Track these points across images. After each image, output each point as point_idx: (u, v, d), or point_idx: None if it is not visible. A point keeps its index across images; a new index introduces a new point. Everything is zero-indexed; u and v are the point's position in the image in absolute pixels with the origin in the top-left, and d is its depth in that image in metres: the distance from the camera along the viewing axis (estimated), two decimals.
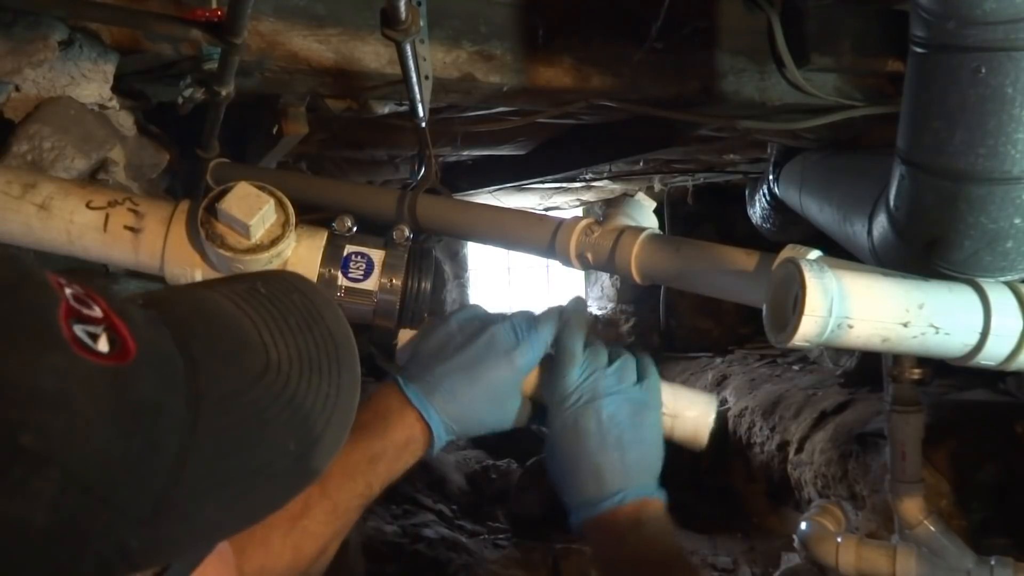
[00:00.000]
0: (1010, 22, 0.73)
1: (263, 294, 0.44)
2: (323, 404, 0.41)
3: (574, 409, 0.73)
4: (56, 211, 0.61)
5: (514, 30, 1.16)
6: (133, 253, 0.62)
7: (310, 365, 0.41)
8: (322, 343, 0.43)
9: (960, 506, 2.31)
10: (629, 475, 0.72)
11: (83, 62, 0.91)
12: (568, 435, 0.73)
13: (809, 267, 0.71)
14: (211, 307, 0.42)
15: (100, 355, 0.32)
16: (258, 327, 0.41)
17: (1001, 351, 0.76)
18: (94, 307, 0.34)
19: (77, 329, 0.32)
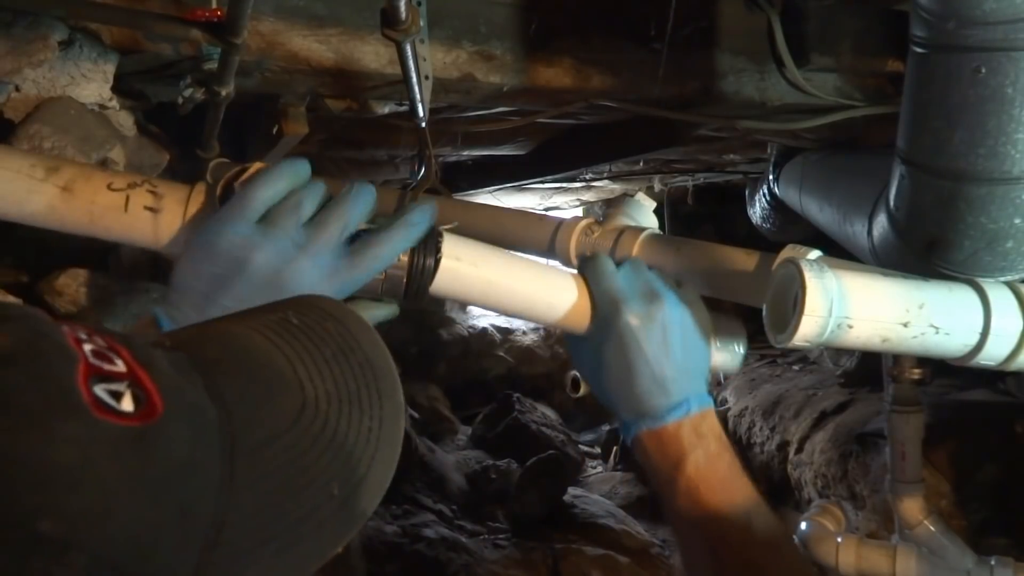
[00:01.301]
0: (1010, 22, 0.73)
1: (295, 325, 0.41)
2: (366, 440, 0.38)
3: (634, 310, 0.68)
4: (79, 193, 0.62)
5: (514, 30, 1.16)
6: (153, 233, 0.63)
7: (349, 399, 0.39)
8: (360, 373, 0.40)
9: (960, 506, 2.31)
10: (692, 381, 0.68)
11: (83, 62, 0.91)
12: (626, 341, 0.67)
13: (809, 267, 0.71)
14: (242, 344, 0.39)
15: (124, 415, 0.30)
16: (292, 362, 0.38)
17: (1001, 351, 0.76)
18: (117, 361, 0.32)
19: (98, 389, 0.30)
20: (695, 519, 0.65)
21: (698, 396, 0.68)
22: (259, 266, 0.57)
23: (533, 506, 3.20)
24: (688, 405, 0.67)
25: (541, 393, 4.79)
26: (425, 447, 3.54)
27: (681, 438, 0.66)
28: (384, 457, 0.39)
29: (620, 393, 0.68)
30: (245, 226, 0.58)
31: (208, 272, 0.58)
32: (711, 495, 0.65)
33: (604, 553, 2.82)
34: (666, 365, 0.67)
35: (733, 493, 0.65)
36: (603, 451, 4.22)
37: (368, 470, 0.38)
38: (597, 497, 3.47)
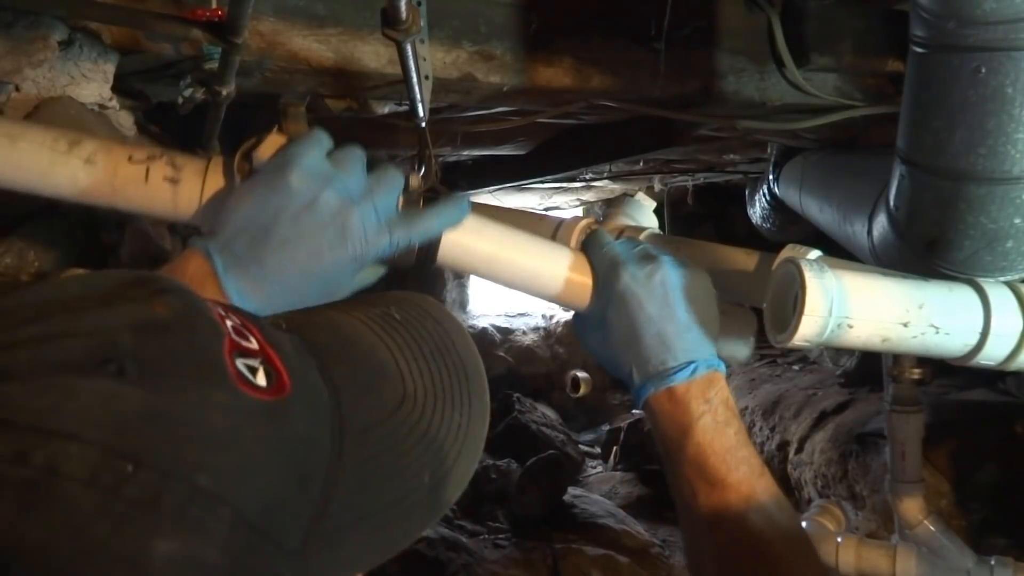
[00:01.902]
0: (1010, 22, 0.73)
1: (398, 320, 0.43)
2: (455, 435, 0.41)
3: (632, 271, 0.68)
4: (101, 165, 0.64)
5: (514, 30, 1.16)
6: (172, 203, 0.65)
7: (444, 396, 0.41)
8: (454, 373, 0.43)
9: (960, 506, 2.31)
10: (698, 343, 0.67)
11: (83, 62, 0.91)
12: (628, 301, 0.67)
13: (809, 267, 0.71)
14: (350, 333, 0.42)
15: (260, 390, 0.33)
16: (395, 355, 0.41)
17: (1001, 351, 0.76)
18: (251, 339, 0.35)
19: (239, 363, 0.33)
20: (700, 487, 0.65)
21: (706, 359, 0.67)
22: (326, 201, 0.57)
23: (533, 506, 3.20)
24: (695, 366, 0.66)
25: (541, 393, 4.79)
26: None
27: (689, 401, 0.66)
28: (469, 452, 0.42)
29: (626, 357, 0.68)
30: (319, 161, 0.59)
31: (272, 206, 0.57)
32: (719, 463, 0.64)
33: (604, 553, 2.82)
34: (670, 323, 0.66)
35: (739, 463, 0.65)
36: (603, 451, 4.22)
37: (455, 463, 0.40)
38: (597, 497, 3.47)
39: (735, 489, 0.63)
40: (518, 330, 5.38)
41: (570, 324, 5.28)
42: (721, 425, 0.65)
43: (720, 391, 0.67)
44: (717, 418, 0.65)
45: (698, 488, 0.65)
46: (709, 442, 0.65)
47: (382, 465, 0.37)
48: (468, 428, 0.42)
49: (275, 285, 0.56)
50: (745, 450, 0.66)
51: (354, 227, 0.58)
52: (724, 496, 0.63)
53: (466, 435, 0.42)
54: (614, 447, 4.07)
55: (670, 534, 3.18)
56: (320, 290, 0.59)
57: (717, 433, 0.65)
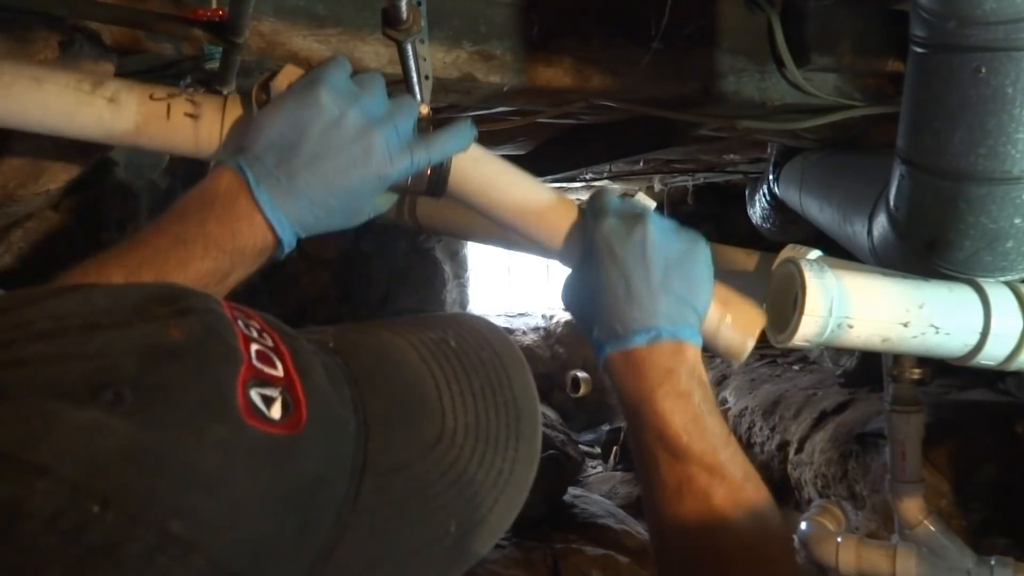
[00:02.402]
0: (1010, 22, 0.74)
1: (452, 348, 0.41)
2: (493, 482, 0.38)
3: (613, 222, 0.65)
4: (124, 103, 0.65)
5: (514, 30, 1.16)
6: (194, 138, 0.66)
7: (487, 436, 0.38)
8: (503, 411, 0.40)
9: (960, 506, 2.31)
10: (668, 309, 0.63)
11: (83, 62, 0.91)
12: (602, 251, 0.64)
13: (809, 267, 0.71)
14: (397, 359, 0.39)
15: (271, 423, 0.31)
16: (439, 388, 0.38)
17: (1001, 351, 0.76)
18: (277, 364, 0.33)
19: (253, 393, 0.31)
20: (661, 457, 0.62)
21: (673, 329, 0.63)
22: (353, 119, 0.60)
23: (533, 506, 3.20)
24: (659, 332, 0.62)
25: (541, 393, 4.77)
26: None
27: (651, 365, 0.62)
28: (509, 501, 0.38)
29: (593, 308, 0.65)
30: (345, 81, 0.62)
31: (302, 121, 0.59)
32: (681, 433, 0.61)
33: (604, 553, 2.82)
34: (641, 282, 0.63)
35: (703, 434, 0.61)
36: (603, 451, 4.23)
37: (490, 512, 0.37)
38: (597, 497, 3.47)
39: (697, 461, 0.60)
40: (518, 330, 5.38)
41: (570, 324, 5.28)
42: (683, 395, 0.62)
43: (686, 361, 0.63)
44: (679, 388, 0.62)
45: (660, 458, 0.62)
46: (669, 411, 0.61)
47: (404, 510, 0.35)
48: (511, 474, 0.38)
49: (304, 199, 0.58)
50: (711, 419, 0.62)
51: (378, 146, 0.60)
52: (687, 469, 0.60)
53: (507, 482, 0.38)
54: (614, 447, 4.07)
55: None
56: (345, 207, 0.60)
57: (678, 403, 0.61)
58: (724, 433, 0.63)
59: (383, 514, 0.34)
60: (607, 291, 0.64)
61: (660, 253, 0.64)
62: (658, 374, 0.62)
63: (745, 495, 0.60)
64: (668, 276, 0.64)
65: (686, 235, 0.67)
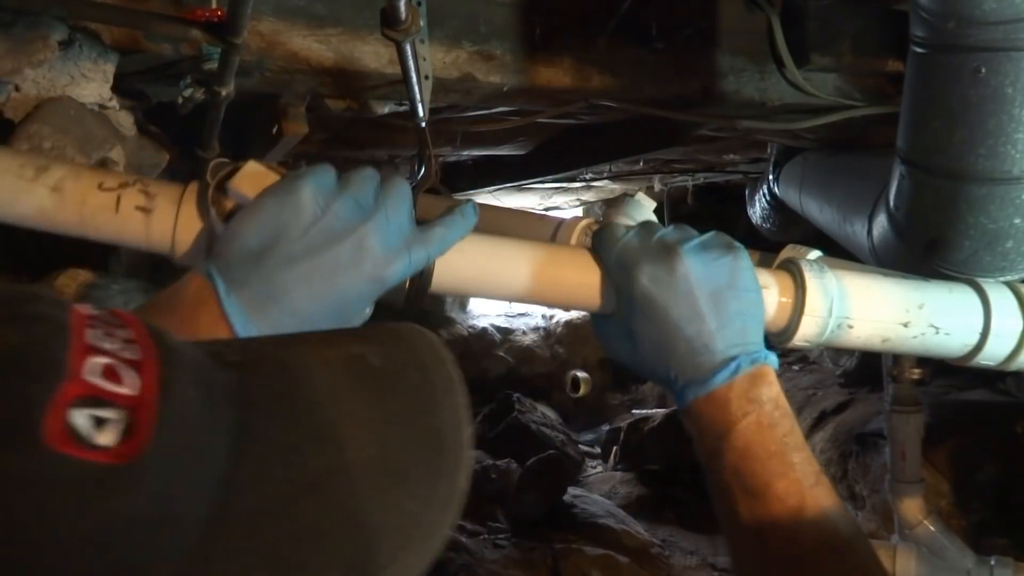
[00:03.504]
0: (1010, 22, 0.73)
1: (372, 367, 0.35)
2: (398, 524, 0.32)
3: (652, 271, 0.60)
4: (69, 193, 0.60)
5: (514, 30, 1.16)
6: (144, 234, 0.61)
7: (395, 472, 0.33)
8: (422, 443, 0.34)
9: (960, 506, 2.31)
10: (736, 336, 0.60)
11: (83, 62, 0.91)
12: (651, 307, 0.60)
13: (809, 267, 0.71)
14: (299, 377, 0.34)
15: (95, 450, 0.26)
16: (343, 412, 0.33)
17: (1001, 351, 0.76)
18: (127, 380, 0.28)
19: (78, 415, 0.26)
20: (740, 498, 0.57)
21: (750, 353, 0.59)
22: (339, 212, 0.54)
23: (533, 506, 3.20)
24: (738, 363, 0.58)
25: (541, 393, 4.79)
26: None
27: (730, 402, 0.58)
28: (418, 549, 0.33)
29: (661, 365, 0.61)
30: (330, 178, 0.56)
31: (281, 221, 0.53)
32: (761, 470, 0.56)
33: (604, 553, 2.82)
34: (700, 323, 0.59)
35: (787, 470, 0.56)
36: (603, 451, 4.22)
37: (390, 562, 0.32)
38: (597, 497, 3.47)
39: (780, 500, 0.55)
40: (518, 330, 5.38)
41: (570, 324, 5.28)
42: (766, 427, 0.57)
43: (769, 388, 0.59)
44: (762, 419, 0.58)
45: (738, 499, 0.57)
46: (749, 446, 0.57)
47: (270, 559, 0.29)
48: (422, 517, 0.33)
49: (281, 308, 0.51)
50: (797, 455, 0.57)
51: (371, 243, 0.54)
52: (768, 508, 0.55)
53: (416, 526, 0.33)
54: (614, 447, 4.07)
55: (670, 534, 3.19)
56: (332, 318, 0.53)
57: (761, 436, 0.57)
58: (814, 472, 0.57)
59: (247, 563, 0.29)
60: (671, 344, 0.60)
61: (707, 285, 0.60)
62: (740, 406, 0.58)
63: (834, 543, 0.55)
64: (721, 304, 0.60)
65: (721, 251, 0.62)
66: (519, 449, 3.66)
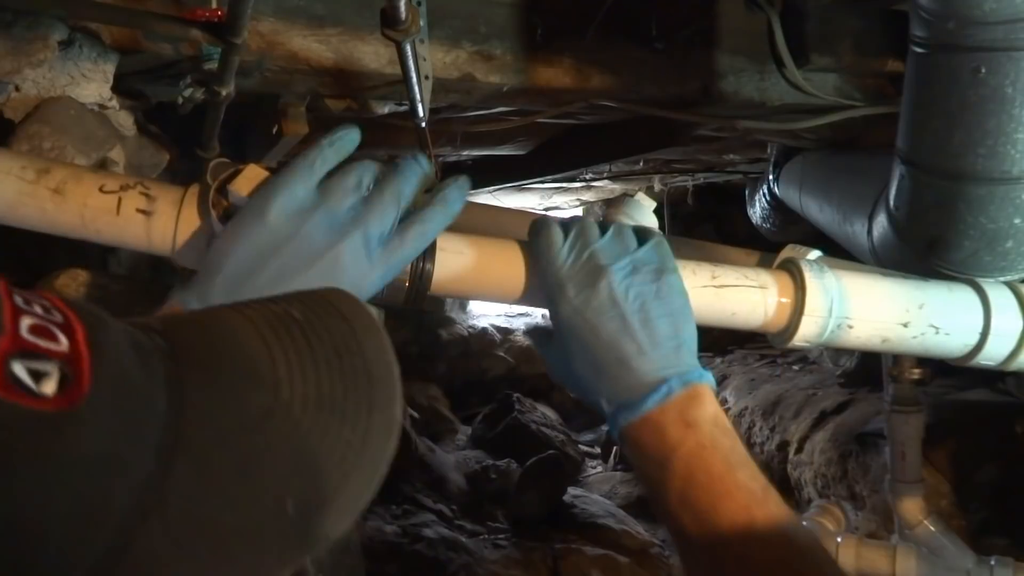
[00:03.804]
0: (1010, 22, 0.73)
1: (296, 319, 0.37)
2: (341, 456, 0.34)
3: (577, 294, 0.59)
4: (70, 195, 0.60)
5: (514, 30, 1.16)
6: (145, 236, 0.62)
7: (331, 407, 0.35)
8: (352, 380, 0.36)
9: (960, 506, 2.31)
10: (668, 358, 0.58)
11: (83, 62, 0.91)
12: (578, 329, 0.59)
13: (809, 267, 0.71)
14: (226, 333, 0.36)
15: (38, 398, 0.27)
16: (275, 360, 0.35)
17: (1001, 351, 0.76)
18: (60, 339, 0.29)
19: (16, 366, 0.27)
20: (687, 523, 0.55)
21: (682, 373, 0.58)
22: (311, 235, 0.54)
23: (533, 506, 3.20)
24: (669, 386, 0.57)
25: (541, 393, 4.79)
26: (425, 447, 3.54)
27: (666, 428, 0.56)
28: (362, 477, 0.35)
29: (593, 388, 0.60)
30: (305, 191, 0.55)
31: (255, 244, 0.53)
32: (706, 495, 0.54)
33: (604, 553, 2.82)
34: (629, 345, 0.58)
35: (733, 490, 0.55)
36: (603, 451, 4.22)
37: (338, 489, 0.34)
38: (597, 497, 3.47)
39: (730, 521, 0.53)
40: (518, 330, 5.38)
41: None
42: (708, 449, 0.56)
43: (704, 408, 0.57)
44: (702, 441, 0.56)
45: (687, 524, 0.55)
46: (693, 472, 0.55)
47: (227, 490, 0.31)
48: (363, 447, 0.35)
49: None
50: (742, 472, 0.56)
51: (345, 263, 0.54)
52: (718, 530, 0.54)
53: (358, 455, 0.35)
54: (614, 447, 4.07)
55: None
56: None
57: (703, 460, 0.55)
58: (760, 487, 0.56)
59: (199, 495, 0.31)
60: (599, 365, 0.59)
61: (635, 302, 0.59)
62: (677, 431, 0.56)
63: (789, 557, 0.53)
64: (651, 326, 0.59)
65: (651, 273, 0.61)
66: (519, 449, 3.66)
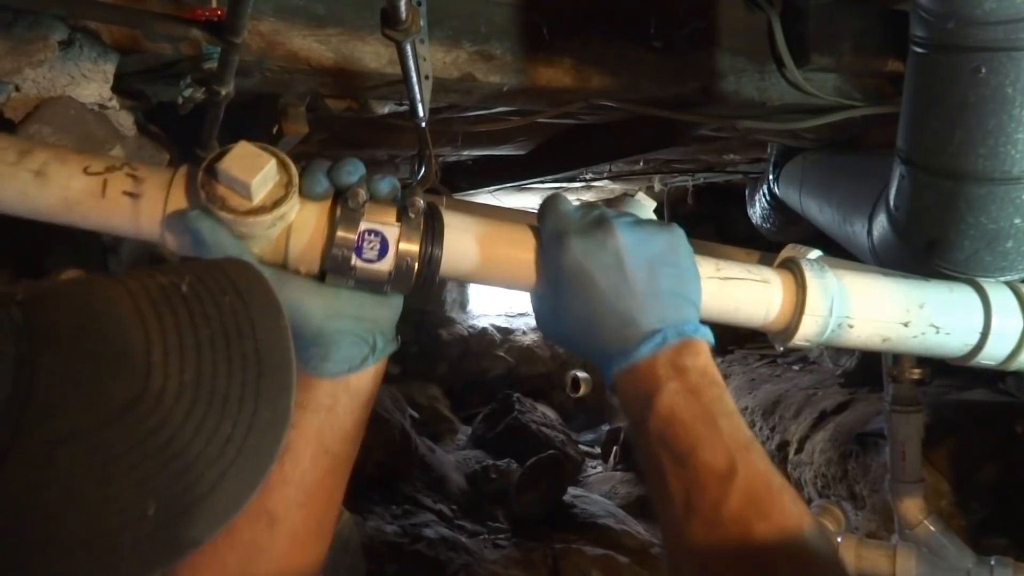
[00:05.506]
0: (1010, 22, 0.73)
1: (182, 294, 0.34)
2: (218, 451, 0.31)
3: (580, 243, 0.58)
4: (53, 177, 0.57)
5: (514, 30, 1.16)
6: (133, 220, 0.59)
7: (210, 397, 0.31)
8: (239, 366, 0.33)
9: (960, 506, 2.31)
10: (667, 311, 0.58)
11: (83, 62, 0.91)
12: (577, 279, 0.58)
13: (809, 267, 0.71)
14: (99, 310, 0.32)
15: None
16: (150, 340, 0.31)
17: (1001, 351, 0.76)
18: None
19: None
20: (667, 465, 0.54)
21: (678, 325, 0.57)
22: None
23: (533, 506, 3.20)
24: (664, 335, 0.57)
25: (541, 393, 4.79)
26: (425, 447, 3.54)
27: (656, 371, 0.56)
28: (243, 475, 0.32)
29: (587, 337, 0.60)
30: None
31: None
32: (685, 435, 0.53)
33: (604, 553, 2.82)
34: (628, 294, 0.57)
35: (713, 435, 0.53)
36: (603, 451, 4.23)
37: (212, 489, 0.30)
38: (597, 497, 3.47)
39: (707, 464, 0.52)
40: (518, 330, 5.38)
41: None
42: (691, 393, 0.55)
43: (696, 357, 0.57)
44: (688, 386, 0.55)
45: (666, 467, 0.54)
46: (673, 410, 0.54)
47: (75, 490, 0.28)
48: (244, 442, 0.32)
49: None
50: (724, 420, 0.54)
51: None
52: (696, 472, 0.52)
53: (239, 450, 0.31)
54: (614, 447, 4.07)
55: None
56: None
57: (686, 401, 0.54)
58: (744, 438, 0.54)
59: (42, 497, 0.27)
60: (596, 316, 0.58)
61: (640, 256, 0.58)
62: (665, 372, 0.56)
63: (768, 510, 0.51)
64: (654, 276, 0.58)
65: (657, 227, 0.61)
66: (519, 449, 3.67)
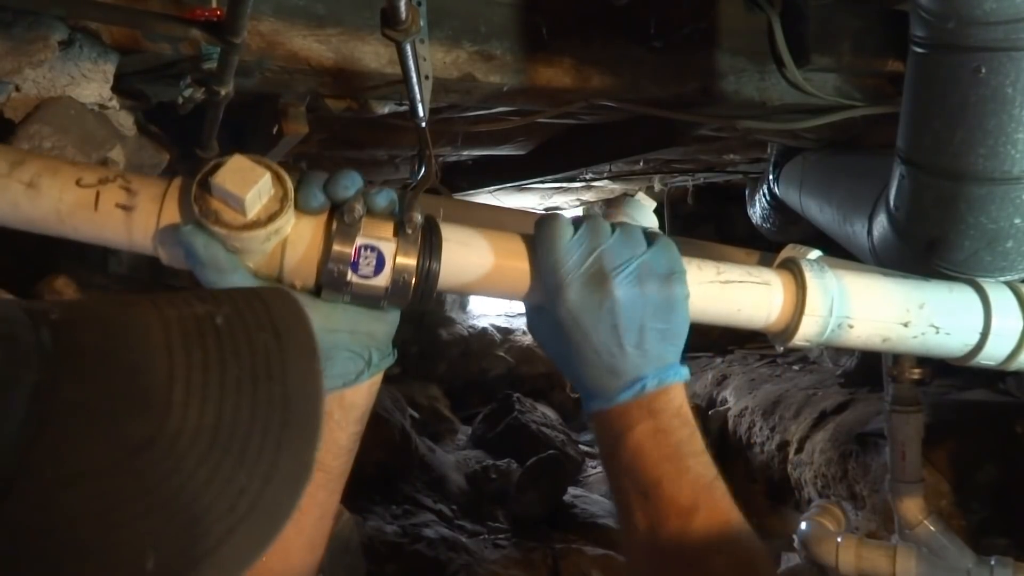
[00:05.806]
0: (1010, 22, 0.73)
1: (217, 327, 0.32)
2: (231, 504, 0.29)
3: (577, 299, 0.59)
4: (45, 189, 0.57)
5: (514, 30, 1.16)
6: (126, 232, 0.58)
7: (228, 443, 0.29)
8: (263, 412, 0.31)
9: (960, 506, 2.31)
10: (650, 362, 0.60)
11: (83, 62, 0.91)
12: (571, 329, 0.59)
13: (809, 267, 0.71)
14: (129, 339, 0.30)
15: None
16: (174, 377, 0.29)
17: (1001, 351, 0.76)
18: None
19: None
20: (634, 499, 0.57)
21: (659, 373, 0.59)
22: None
23: (533, 506, 3.20)
24: (644, 384, 0.59)
25: (541, 393, 4.79)
26: (425, 447, 3.54)
27: (631, 413, 0.59)
28: (254, 531, 0.29)
29: (571, 370, 0.62)
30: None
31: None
32: (652, 469, 0.56)
33: (604, 553, 2.82)
34: (617, 352, 0.59)
35: (679, 473, 0.56)
36: None
37: (220, 543, 0.28)
38: (597, 497, 3.47)
39: (671, 500, 0.55)
40: (518, 330, 5.38)
41: None
42: (661, 433, 0.57)
43: (671, 400, 0.59)
44: (659, 426, 0.58)
45: (632, 500, 0.57)
46: (642, 446, 0.57)
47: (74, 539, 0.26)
48: (260, 496, 0.29)
49: None
50: (692, 460, 0.57)
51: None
52: (659, 507, 0.55)
53: (252, 505, 0.29)
54: None
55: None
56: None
57: (655, 440, 0.57)
58: (708, 475, 0.57)
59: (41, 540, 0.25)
60: (581, 364, 0.60)
61: (634, 318, 0.59)
62: (639, 414, 0.59)
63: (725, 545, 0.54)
64: (645, 337, 0.59)
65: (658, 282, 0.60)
66: (519, 449, 3.66)
